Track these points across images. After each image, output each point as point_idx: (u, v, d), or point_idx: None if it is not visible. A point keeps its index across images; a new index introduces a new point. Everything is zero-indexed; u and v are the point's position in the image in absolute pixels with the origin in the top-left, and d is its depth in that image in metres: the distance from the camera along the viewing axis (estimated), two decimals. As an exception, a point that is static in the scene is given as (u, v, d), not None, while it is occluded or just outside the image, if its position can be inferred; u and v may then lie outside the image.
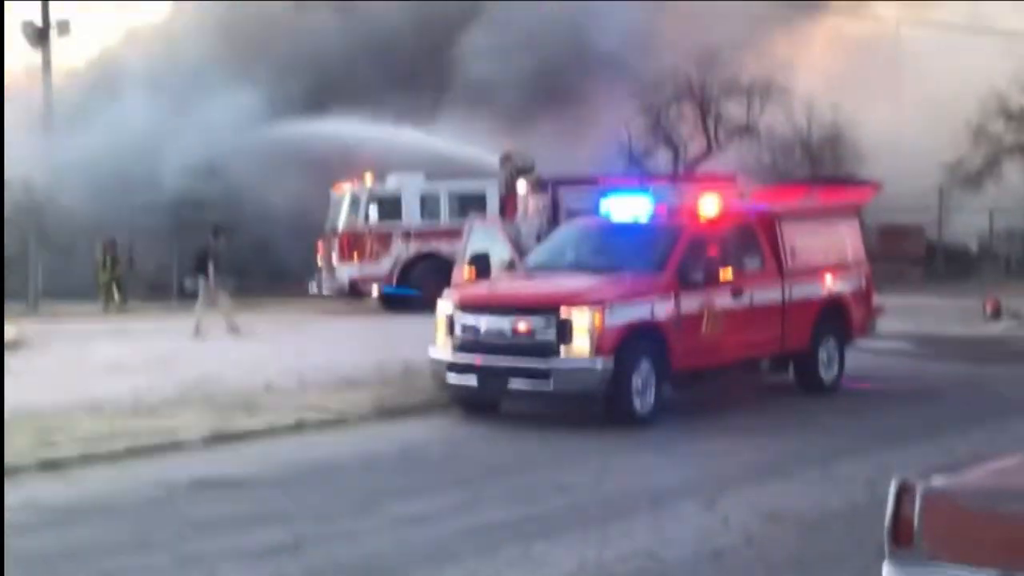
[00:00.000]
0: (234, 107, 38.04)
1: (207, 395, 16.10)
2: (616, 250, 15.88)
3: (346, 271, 31.51)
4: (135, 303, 34.25)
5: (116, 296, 33.45)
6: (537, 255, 16.91)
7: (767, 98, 41.68)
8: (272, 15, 42.10)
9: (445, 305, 15.09)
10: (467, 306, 14.84)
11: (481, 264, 16.52)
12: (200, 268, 25.79)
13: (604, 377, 14.04)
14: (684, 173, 39.04)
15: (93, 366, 19.70)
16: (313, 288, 32.81)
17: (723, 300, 15.41)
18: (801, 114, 42.15)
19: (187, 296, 34.06)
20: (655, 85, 41.91)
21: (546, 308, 14.26)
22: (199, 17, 43.15)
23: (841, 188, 21.38)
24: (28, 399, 15.78)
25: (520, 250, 21.19)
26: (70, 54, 43.41)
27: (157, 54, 42.55)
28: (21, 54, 43.11)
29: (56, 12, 43.12)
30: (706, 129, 42.41)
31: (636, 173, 36.12)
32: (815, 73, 43.10)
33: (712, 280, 15.13)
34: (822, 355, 16.99)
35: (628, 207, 16.44)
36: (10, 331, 24.45)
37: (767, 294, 16.24)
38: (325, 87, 39.68)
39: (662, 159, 42.35)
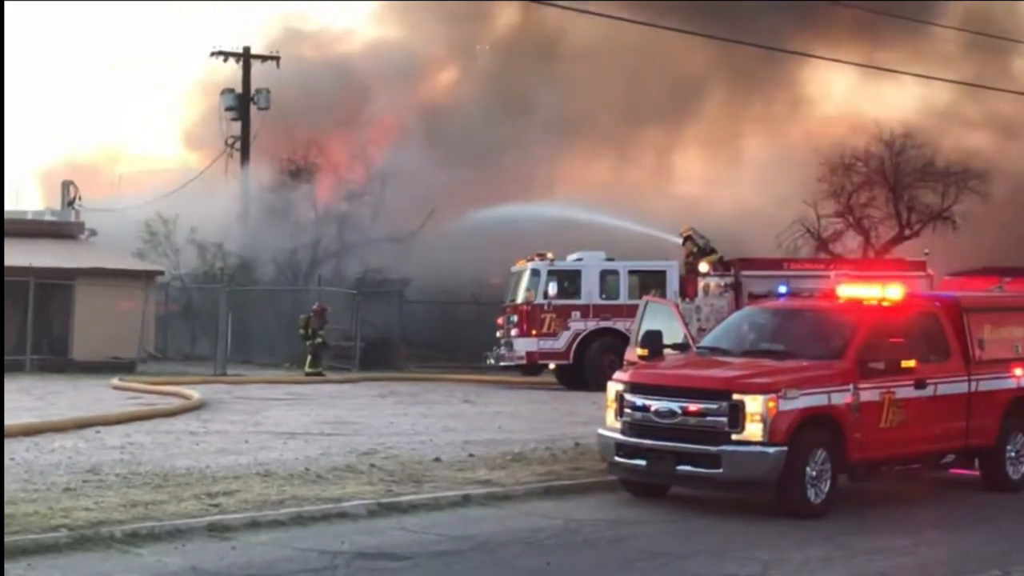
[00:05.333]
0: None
1: (376, 464, 16.17)
2: (794, 335, 15.49)
3: (524, 344, 31.57)
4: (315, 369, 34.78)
5: (307, 363, 33.91)
6: (712, 337, 16.62)
7: (963, 184, 40.62)
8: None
9: (616, 384, 14.90)
10: (638, 387, 14.61)
11: (653, 343, 16.25)
12: None
13: (776, 465, 13.63)
14: (872, 259, 38.19)
15: (269, 430, 20.02)
16: (491, 360, 32.92)
17: (905, 390, 14.87)
18: (999, 200, 40.96)
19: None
20: (846, 168, 41.28)
21: (718, 392, 13.95)
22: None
23: (1035, 278, 20.55)
24: (203, 461, 16.11)
25: (695, 330, 20.91)
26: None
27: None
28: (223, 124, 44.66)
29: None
30: (898, 214, 41.48)
31: (822, 257, 35.52)
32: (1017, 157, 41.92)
33: (893, 369, 14.61)
34: (1010, 451, 16.25)
35: (809, 291, 16.12)
36: (195, 393, 25.12)
37: (952, 385, 15.63)
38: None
39: (851, 243, 41.57)
